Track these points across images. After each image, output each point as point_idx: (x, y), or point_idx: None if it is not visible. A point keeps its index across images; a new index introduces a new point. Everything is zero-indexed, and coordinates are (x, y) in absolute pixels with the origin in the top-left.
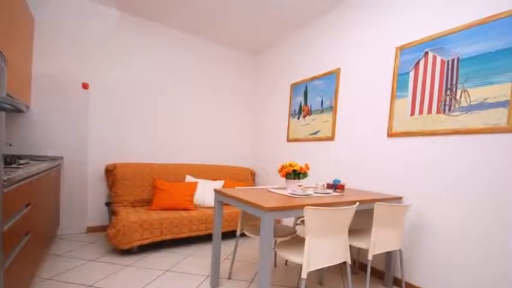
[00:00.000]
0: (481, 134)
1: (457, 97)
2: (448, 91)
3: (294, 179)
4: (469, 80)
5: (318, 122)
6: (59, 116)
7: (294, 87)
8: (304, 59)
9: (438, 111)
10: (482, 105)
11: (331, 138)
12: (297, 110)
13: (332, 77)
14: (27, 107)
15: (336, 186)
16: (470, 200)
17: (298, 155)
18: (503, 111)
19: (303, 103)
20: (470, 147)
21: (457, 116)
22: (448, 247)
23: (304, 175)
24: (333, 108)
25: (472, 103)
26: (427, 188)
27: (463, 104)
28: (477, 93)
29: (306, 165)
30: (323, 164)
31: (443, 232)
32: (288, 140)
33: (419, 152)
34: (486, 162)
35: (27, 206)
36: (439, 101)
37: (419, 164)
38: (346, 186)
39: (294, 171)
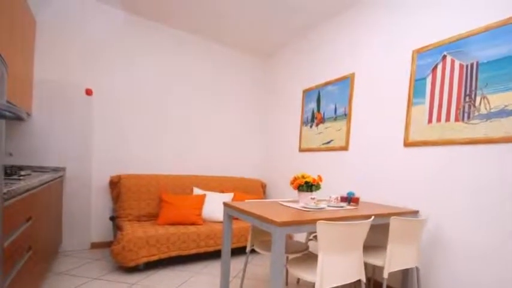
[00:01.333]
0: (503, 143)
1: (476, 104)
2: (467, 97)
3: (307, 191)
4: (489, 86)
5: (331, 130)
6: (62, 124)
7: (307, 93)
8: (317, 63)
9: (456, 119)
10: (502, 112)
11: (345, 148)
12: (310, 118)
13: (346, 82)
14: (28, 114)
15: (350, 199)
16: (493, 213)
17: (310, 166)
18: None
19: (315, 110)
20: (491, 158)
21: (476, 124)
22: (469, 265)
23: (317, 187)
24: (347, 116)
25: (492, 110)
26: (445, 201)
27: (483, 111)
28: (497, 100)
29: (319, 176)
30: (336, 175)
31: (463, 248)
32: (300, 150)
33: (437, 163)
34: (509, 173)
35: (28, 220)
36: (457, 108)
37: (437, 176)
38: (360, 199)
39: (307, 183)
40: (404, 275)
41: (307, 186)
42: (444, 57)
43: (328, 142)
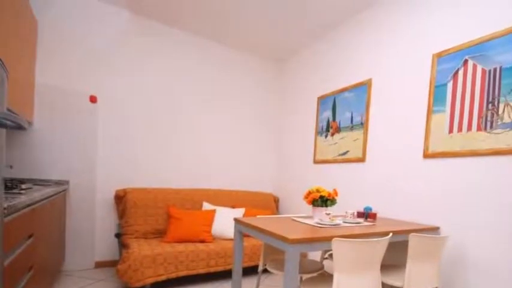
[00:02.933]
0: None
1: (500, 112)
2: (490, 105)
3: (322, 206)
4: None
5: (347, 140)
6: (65, 134)
7: (321, 100)
8: (332, 68)
9: (479, 128)
10: None
11: (362, 160)
12: (325, 127)
13: (363, 88)
14: (30, 123)
15: (367, 214)
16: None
17: (325, 179)
18: None
19: (331, 119)
20: None
21: (499, 133)
22: (493, 285)
23: (333, 202)
24: (363, 125)
25: None
26: (467, 216)
27: (506, 119)
28: None
29: (335, 190)
30: (353, 189)
31: (487, 268)
32: (315, 162)
33: (459, 175)
34: None
35: (29, 237)
36: (479, 116)
37: (459, 189)
38: (378, 215)
39: (321, 197)
40: None
41: (322, 201)
42: (465, 61)
43: (345, 153)
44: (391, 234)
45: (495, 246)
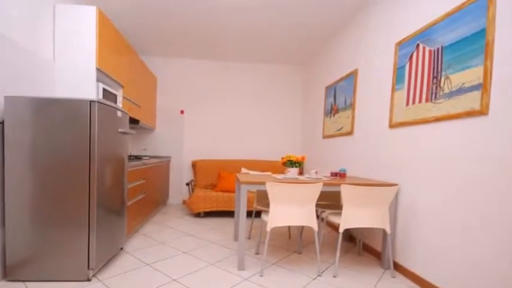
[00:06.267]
0: (460, 118)
1: (441, 84)
2: (434, 79)
3: (292, 167)
4: (451, 67)
5: (342, 118)
6: (169, 132)
7: (328, 89)
8: (335, 63)
9: (427, 100)
10: (460, 90)
11: (350, 133)
12: (329, 109)
13: (352, 77)
14: (154, 128)
15: (338, 174)
16: (452, 184)
17: (329, 150)
18: (477, 95)
19: (333, 103)
20: (452, 133)
21: (440, 103)
22: (434, 230)
23: (300, 164)
24: (351, 106)
25: (452, 89)
26: (419, 174)
27: (446, 90)
28: (457, 79)
29: (303, 156)
30: (344, 155)
31: (431, 211)
32: (324, 137)
33: (412, 141)
34: (466, 146)
35: (144, 179)
36: (427, 90)
37: (413, 152)
38: (354, 175)
39: (290, 160)
40: (384, 238)
41: (291, 163)
42: (417, 45)
43: (340, 129)
44: (321, 184)
45: (436, 197)
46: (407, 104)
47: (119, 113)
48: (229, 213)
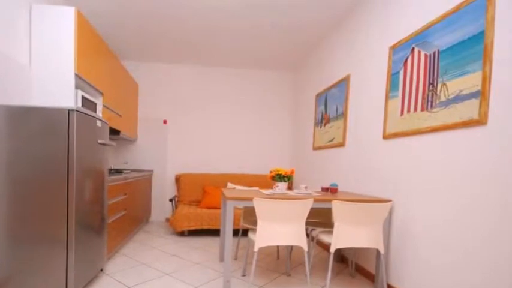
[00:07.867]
0: (457, 129)
1: (438, 92)
2: (430, 86)
3: (280, 181)
4: (448, 73)
5: (333, 129)
6: (151, 143)
7: (318, 97)
8: (325, 70)
9: (422, 109)
10: (457, 98)
11: (342, 144)
12: (320, 119)
13: (344, 84)
14: (135, 139)
15: (329, 189)
16: (451, 201)
17: (319, 163)
18: (475, 103)
19: (324, 112)
20: (448, 145)
21: (436, 112)
22: (431, 249)
23: (289, 178)
24: (343, 115)
25: (449, 97)
26: (413, 189)
27: (442, 98)
28: (454, 86)
29: (292, 170)
30: (336, 170)
31: (426, 224)
32: (314, 148)
33: (407, 153)
34: (465, 159)
35: (124, 194)
36: (423, 98)
37: (406, 165)
38: (346, 189)
39: (279, 175)
40: (377, 258)
41: (280, 177)
42: (413, 49)
43: (332, 140)
44: (312, 200)
45: (433, 214)
46: (402, 113)
47: (99, 123)
48: (215, 232)
